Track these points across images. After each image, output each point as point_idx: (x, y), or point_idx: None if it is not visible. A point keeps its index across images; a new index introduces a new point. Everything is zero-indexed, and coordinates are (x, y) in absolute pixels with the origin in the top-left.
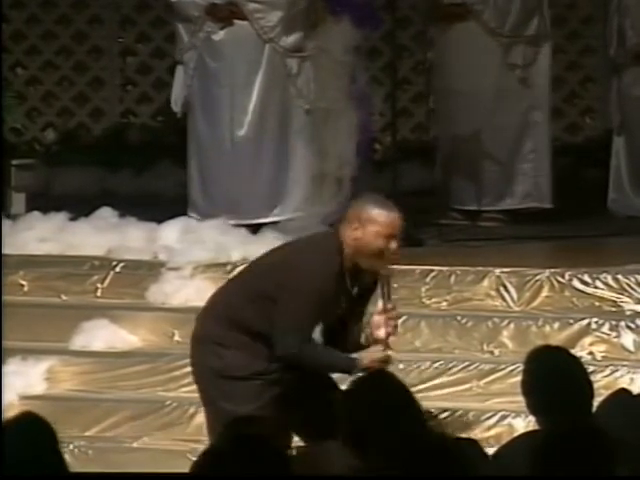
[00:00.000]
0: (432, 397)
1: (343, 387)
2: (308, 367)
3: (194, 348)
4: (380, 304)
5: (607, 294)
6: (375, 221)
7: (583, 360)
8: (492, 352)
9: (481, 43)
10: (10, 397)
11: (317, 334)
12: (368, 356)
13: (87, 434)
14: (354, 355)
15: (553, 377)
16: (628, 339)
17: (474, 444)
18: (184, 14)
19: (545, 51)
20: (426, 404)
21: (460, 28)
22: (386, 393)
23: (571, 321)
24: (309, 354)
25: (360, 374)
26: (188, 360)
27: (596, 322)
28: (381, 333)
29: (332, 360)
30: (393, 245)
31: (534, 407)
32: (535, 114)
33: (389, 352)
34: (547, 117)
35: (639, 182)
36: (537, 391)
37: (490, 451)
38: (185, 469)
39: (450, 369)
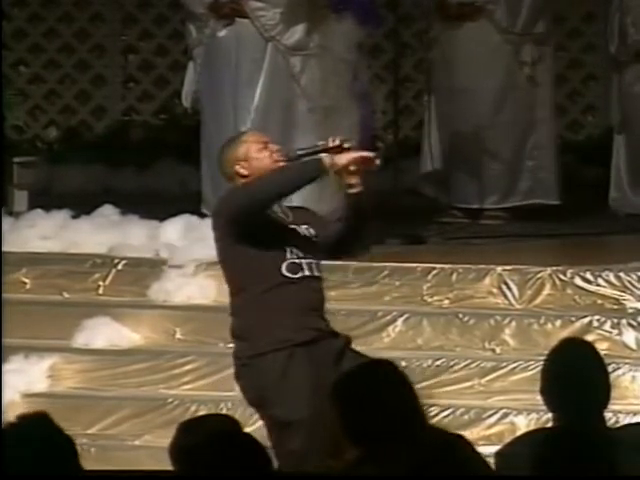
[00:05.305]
0: (434, 395)
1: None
2: (273, 194)
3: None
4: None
5: (609, 292)
6: (246, 146)
7: None
8: (494, 350)
9: (491, 42)
10: (12, 395)
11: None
12: (344, 156)
13: (89, 432)
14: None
15: (568, 374)
16: (630, 337)
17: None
18: (190, 10)
19: (548, 49)
20: (428, 402)
21: (470, 27)
22: (383, 382)
23: (573, 319)
24: (267, 180)
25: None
26: (190, 358)
27: (598, 320)
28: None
29: (296, 168)
30: (272, 147)
31: (550, 404)
32: (540, 111)
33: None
34: (551, 114)
35: (638, 180)
36: (552, 387)
37: (492, 449)
38: None
39: (452, 367)
